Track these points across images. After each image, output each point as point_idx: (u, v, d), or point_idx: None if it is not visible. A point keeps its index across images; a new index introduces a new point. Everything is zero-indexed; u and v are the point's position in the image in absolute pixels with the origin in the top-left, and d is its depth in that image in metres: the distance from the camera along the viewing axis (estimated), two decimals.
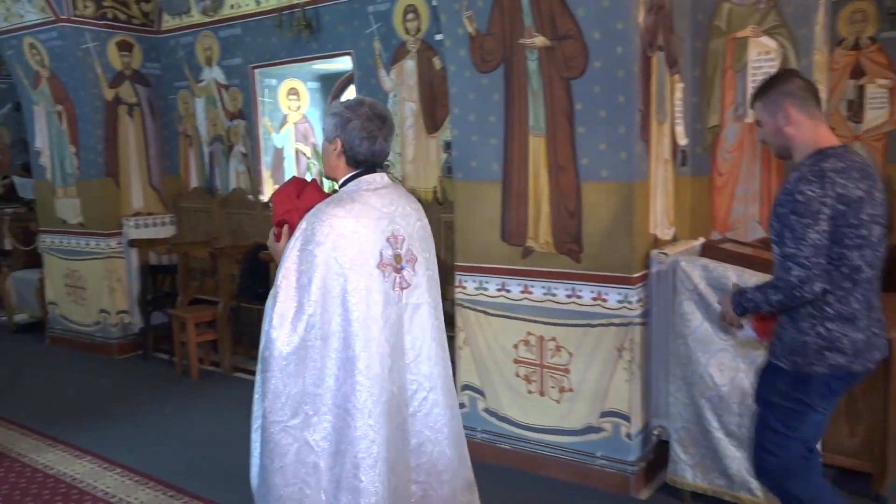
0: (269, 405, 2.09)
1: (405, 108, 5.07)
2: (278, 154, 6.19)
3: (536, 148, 3.58)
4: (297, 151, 6.30)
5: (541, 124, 3.55)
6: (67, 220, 6.40)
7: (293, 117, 6.26)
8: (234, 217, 6.19)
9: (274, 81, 6.13)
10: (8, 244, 7.31)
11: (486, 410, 3.86)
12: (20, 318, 7.35)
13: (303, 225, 2.12)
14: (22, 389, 5.45)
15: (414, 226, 2.23)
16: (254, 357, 5.06)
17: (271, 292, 2.14)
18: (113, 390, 5.43)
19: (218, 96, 6.22)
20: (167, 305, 6.05)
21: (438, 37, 4.70)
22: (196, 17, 6.17)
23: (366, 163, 2.19)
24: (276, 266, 2.24)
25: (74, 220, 6.34)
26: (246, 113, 6.08)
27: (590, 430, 3.58)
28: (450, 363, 2.35)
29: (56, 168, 6.40)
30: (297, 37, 5.53)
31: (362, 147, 2.15)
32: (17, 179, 8.48)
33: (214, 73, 6.21)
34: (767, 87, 2.41)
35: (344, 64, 5.75)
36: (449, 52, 3.81)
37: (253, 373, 2.38)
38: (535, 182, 3.61)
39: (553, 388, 3.66)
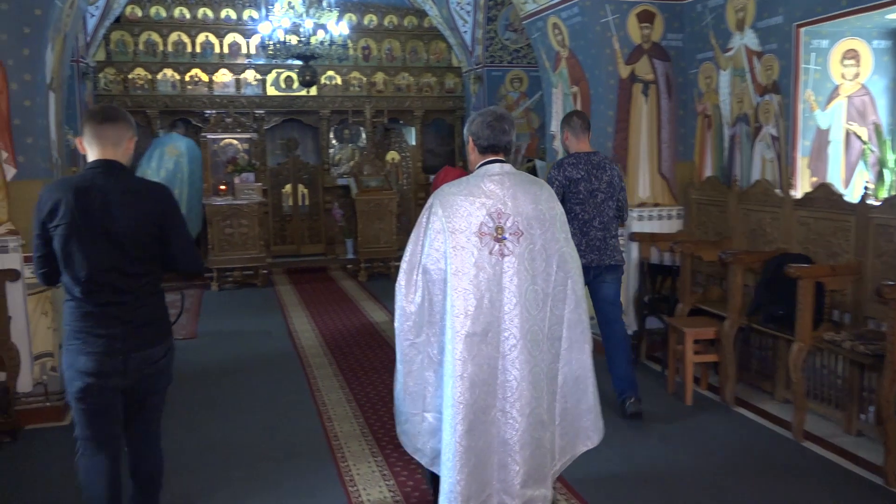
0: (398, 326, 2.81)
1: None
2: (821, 136, 4.80)
3: None
4: (849, 133, 4.80)
5: None
6: None
7: (847, 88, 4.77)
8: (754, 215, 5.05)
9: (824, 42, 4.73)
10: None
11: None
12: None
13: (430, 199, 2.80)
14: None
15: (527, 207, 2.74)
16: (763, 389, 4.87)
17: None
18: None
19: (748, 66, 5.12)
20: (664, 311, 5.30)
21: None
22: None
23: (490, 148, 2.82)
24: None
25: None
26: (782, 85, 4.85)
27: None
28: (554, 316, 2.81)
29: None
30: None
31: (483, 133, 2.81)
32: (538, 163, 8.79)
33: (746, 39, 5.12)
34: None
35: None
36: None
37: (758, 409, 4.53)
38: None
39: None
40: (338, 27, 8.73)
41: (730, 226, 5.24)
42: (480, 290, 2.66)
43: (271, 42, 8.81)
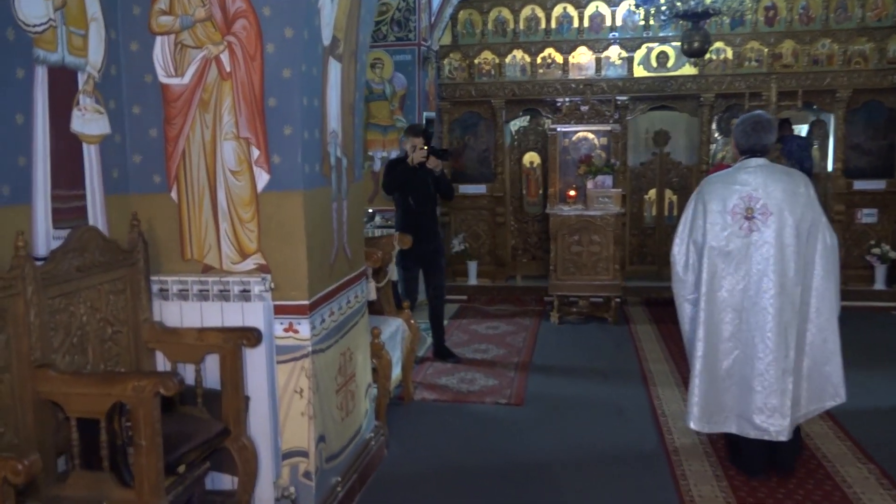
0: (675, 288, 3.67)
1: None
2: None
3: None
4: None
5: None
6: None
7: None
8: None
9: None
10: None
11: None
12: None
13: (699, 186, 3.68)
14: None
15: (775, 194, 3.38)
16: None
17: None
18: None
19: None
20: None
21: None
22: None
23: (748, 151, 3.53)
24: None
25: None
26: None
27: None
28: (803, 285, 3.41)
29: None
30: None
31: (742, 140, 3.54)
32: None
33: None
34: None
35: None
36: None
37: None
38: None
39: None
40: None
41: None
42: (731, 257, 3.46)
43: (643, 6, 6.67)
